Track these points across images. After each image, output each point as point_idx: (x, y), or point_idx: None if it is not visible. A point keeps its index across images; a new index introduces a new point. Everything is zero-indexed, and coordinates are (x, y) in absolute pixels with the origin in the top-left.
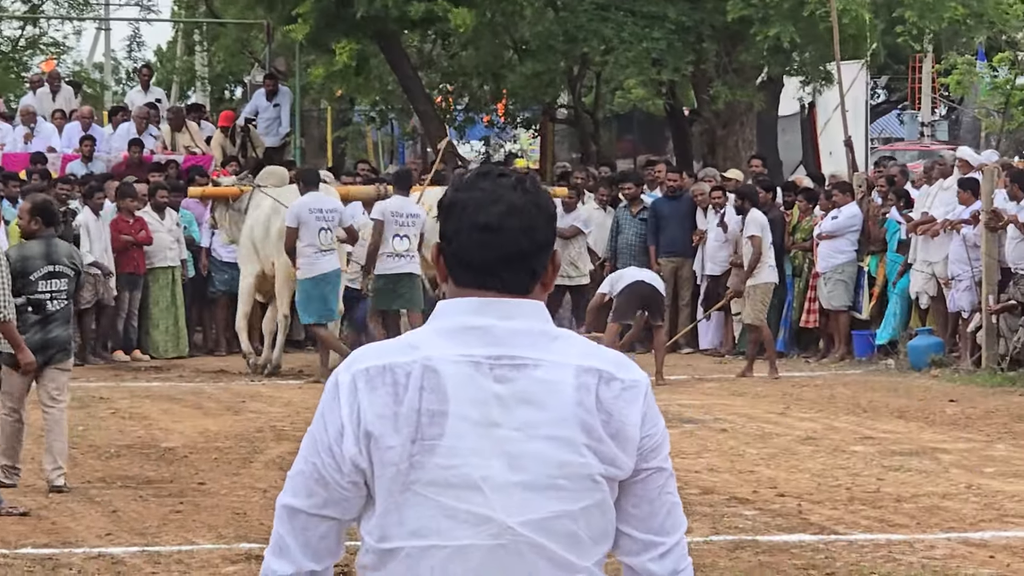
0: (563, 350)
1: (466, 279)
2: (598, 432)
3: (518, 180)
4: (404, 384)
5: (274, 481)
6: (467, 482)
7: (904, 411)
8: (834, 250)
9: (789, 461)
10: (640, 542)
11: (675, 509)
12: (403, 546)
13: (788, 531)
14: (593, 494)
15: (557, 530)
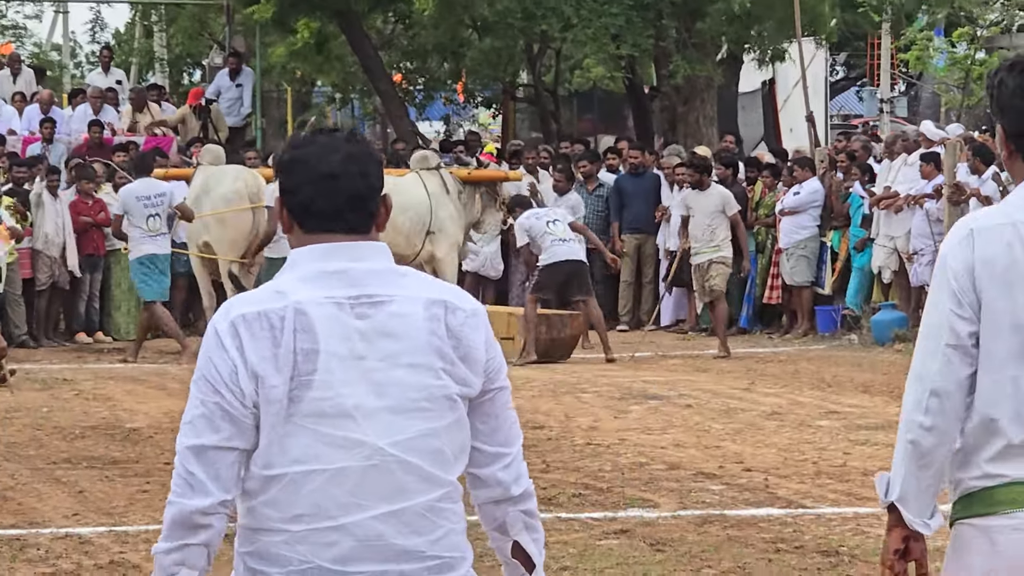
0: (411, 285)
1: (313, 224)
2: (451, 356)
3: (349, 134)
4: (279, 327)
5: None
6: (340, 411)
7: (869, 385)
8: (796, 226)
9: (755, 436)
10: (489, 454)
11: (515, 423)
12: (286, 472)
13: (755, 505)
14: (452, 413)
15: (423, 448)
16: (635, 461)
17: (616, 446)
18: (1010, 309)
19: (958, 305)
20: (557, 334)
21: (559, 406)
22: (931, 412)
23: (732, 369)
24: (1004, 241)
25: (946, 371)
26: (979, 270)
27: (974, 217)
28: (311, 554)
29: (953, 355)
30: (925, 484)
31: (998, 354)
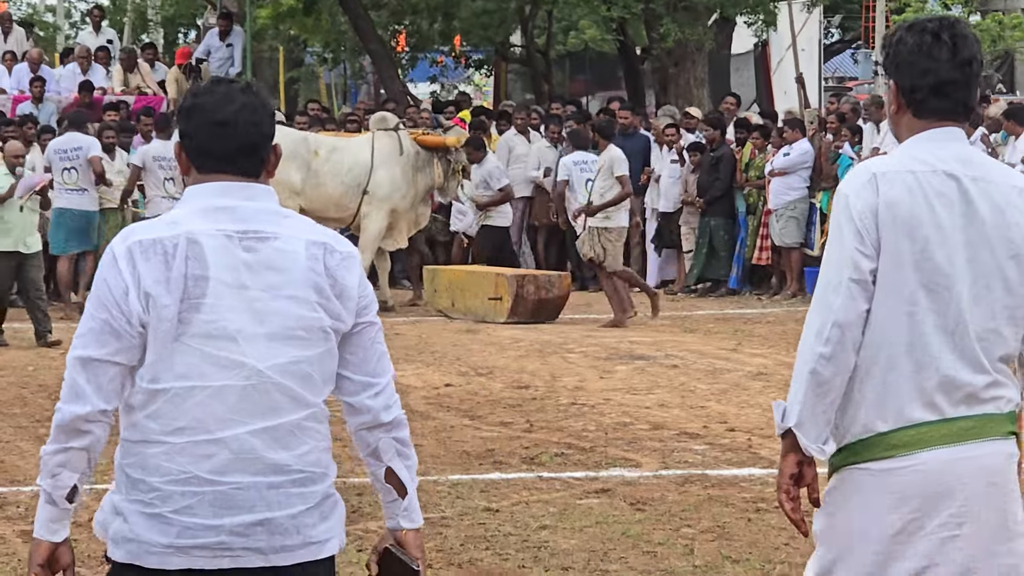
0: (294, 226)
1: (209, 166)
2: (327, 292)
3: (245, 85)
4: (172, 254)
5: None
6: (225, 334)
7: None
8: (786, 187)
9: (740, 396)
10: (359, 383)
11: (384, 356)
12: (171, 386)
13: (738, 465)
14: (324, 343)
15: (295, 372)
16: (619, 421)
17: (601, 406)
18: (910, 249)
19: (861, 243)
20: (545, 294)
21: (545, 366)
22: (831, 342)
23: (719, 330)
24: (906, 186)
25: (848, 304)
26: (882, 211)
27: (873, 162)
28: (190, 465)
29: (855, 289)
30: (821, 411)
31: (895, 291)
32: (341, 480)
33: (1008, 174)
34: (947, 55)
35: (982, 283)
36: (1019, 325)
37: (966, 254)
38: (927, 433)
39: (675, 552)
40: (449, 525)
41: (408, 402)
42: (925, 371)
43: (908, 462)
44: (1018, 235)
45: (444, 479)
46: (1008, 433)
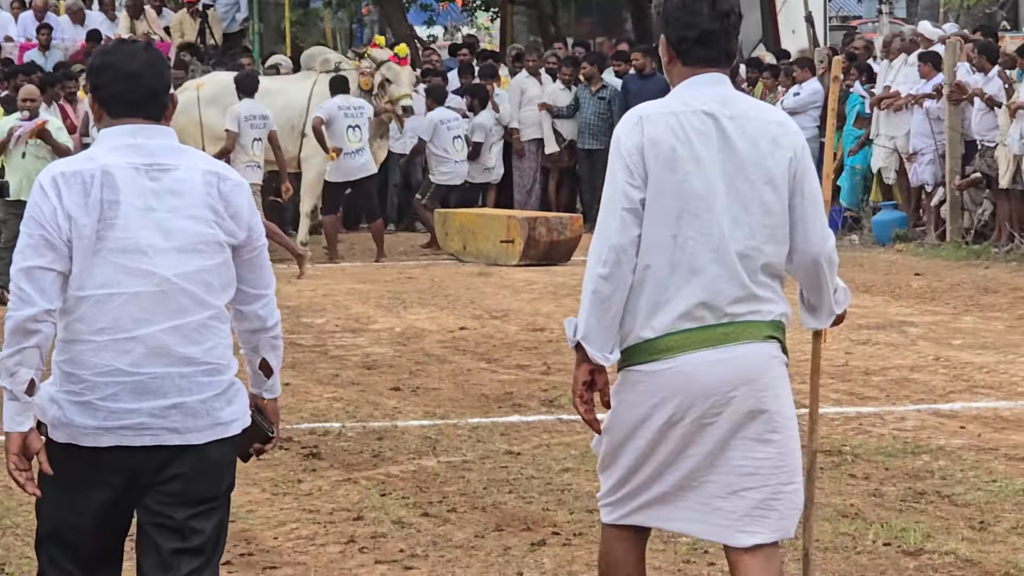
0: (192, 158)
1: (119, 111)
2: (221, 212)
3: (146, 43)
4: (90, 183)
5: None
6: (137, 248)
7: (870, 285)
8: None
9: None
10: (252, 295)
11: (270, 271)
12: (93, 293)
13: None
14: (221, 255)
15: (198, 279)
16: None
17: None
18: (672, 180)
19: (630, 177)
20: (557, 236)
21: (559, 308)
22: (608, 264)
23: None
24: (668, 126)
25: (621, 230)
26: (647, 148)
27: (643, 106)
28: (112, 359)
29: (627, 217)
30: (605, 324)
31: (661, 217)
32: (361, 424)
33: (767, 111)
34: (707, 9)
35: (740, 207)
36: (781, 242)
37: (724, 182)
38: (687, 339)
39: None
40: (471, 469)
41: (423, 346)
42: (689, 286)
43: (669, 364)
44: (772, 164)
45: (464, 423)
46: (768, 337)
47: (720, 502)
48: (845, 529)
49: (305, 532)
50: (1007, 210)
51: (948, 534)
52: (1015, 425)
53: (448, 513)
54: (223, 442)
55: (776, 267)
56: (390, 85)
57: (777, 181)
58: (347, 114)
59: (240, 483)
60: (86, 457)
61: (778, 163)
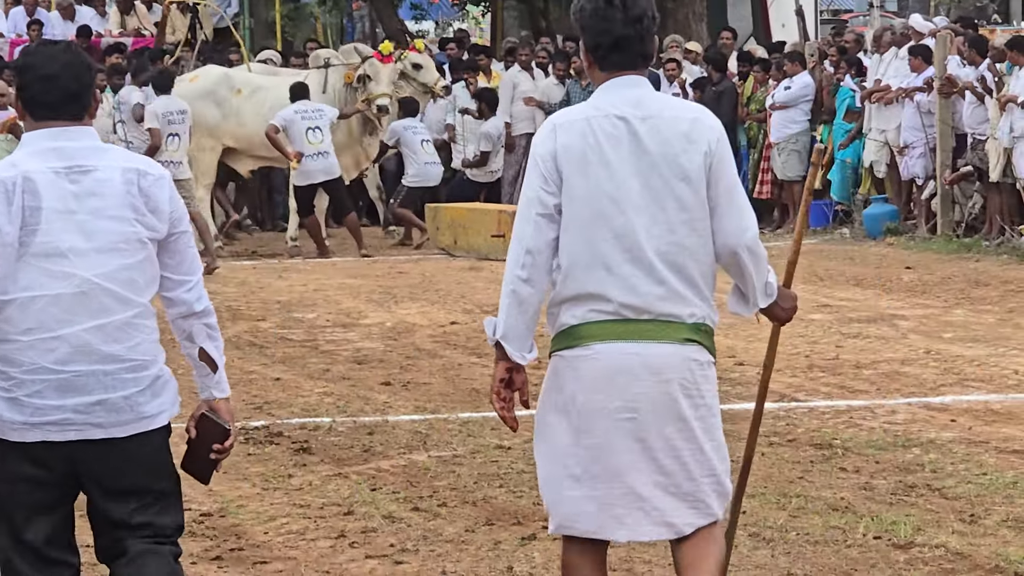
0: (112, 158)
1: (40, 114)
2: (142, 209)
3: (66, 45)
4: (12, 191)
5: (231, 360)
6: (58, 252)
7: (861, 279)
8: (787, 120)
9: (747, 330)
10: (176, 280)
11: (195, 258)
12: (17, 296)
13: (748, 399)
14: (143, 252)
15: (121, 278)
16: None
17: None
18: (584, 185)
19: (545, 183)
20: None
21: None
22: (526, 267)
23: None
24: (579, 132)
25: (537, 234)
26: (560, 155)
27: (558, 114)
28: (38, 357)
29: (542, 221)
30: (523, 325)
31: (575, 220)
32: (352, 419)
33: (680, 109)
34: (620, 16)
35: (657, 205)
36: (703, 235)
37: (639, 182)
38: (605, 329)
39: None
40: (462, 463)
41: (414, 340)
42: (606, 285)
43: (588, 351)
44: (686, 160)
45: (454, 417)
46: (686, 339)
47: (652, 502)
48: (835, 523)
49: (295, 527)
50: (998, 203)
51: (938, 527)
52: (1005, 418)
53: (438, 508)
54: (148, 434)
55: (703, 262)
56: (369, 82)
57: (692, 176)
58: (304, 117)
59: (230, 478)
60: (16, 451)
61: (692, 159)
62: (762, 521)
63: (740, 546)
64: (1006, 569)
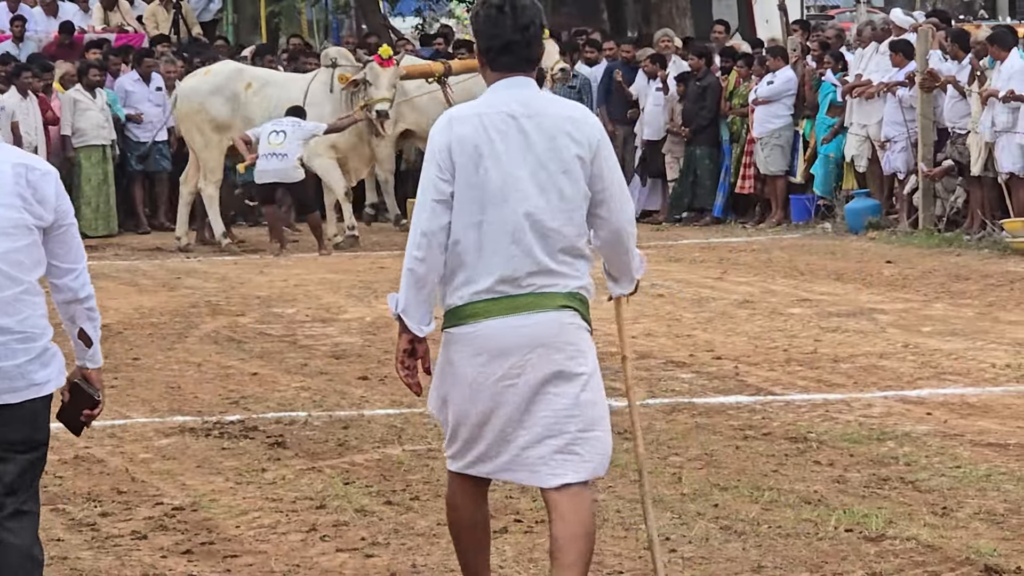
0: (4, 154)
1: None
2: (30, 199)
3: None
4: None
5: (209, 355)
6: None
7: (841, 273)
8: (770, 115)
9: (726, 324)
10: (64, 269)
11: (80, 248)
12: None
13: (725, 393)
14: (29, 237)
15: (10, 259)
16: (606, 351)
17: None
18: (475, 174)
19: (440, 171)
20: None
21: None
22: (422, 248)
23: (705, 259)
24: (472, 126)
25: (432, 218)
26: (454, 146)
27: (454, 109)
28: None
29: (437, 207)
30: (421, 300)
31: (467, 206)
32: (327, 413)
33: (564, 108)
34: (509, 23)
35: (541, 195)
36: (578, 224)
37: (526, 173)
38: (489, 307)
39: (663, 480)
40: (436, 457)
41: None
42: (491, 264)
43: (475, 328)
44: (568, 155)
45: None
46: (562, 306)
47: (530, 451)
48: (807, 515)
49: (267, 521)
50: (979, 197)
51: (910, 520)
52: (981, 411)
53: (411, 501)
54: (37, 400)
55: (577, 246)
56: (369, 87)
57: (572, 170)
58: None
59: (204, 472)
60: None
61: (573, 154)
62: (734, 514)
63: (711, 539)
64: (976, 561)
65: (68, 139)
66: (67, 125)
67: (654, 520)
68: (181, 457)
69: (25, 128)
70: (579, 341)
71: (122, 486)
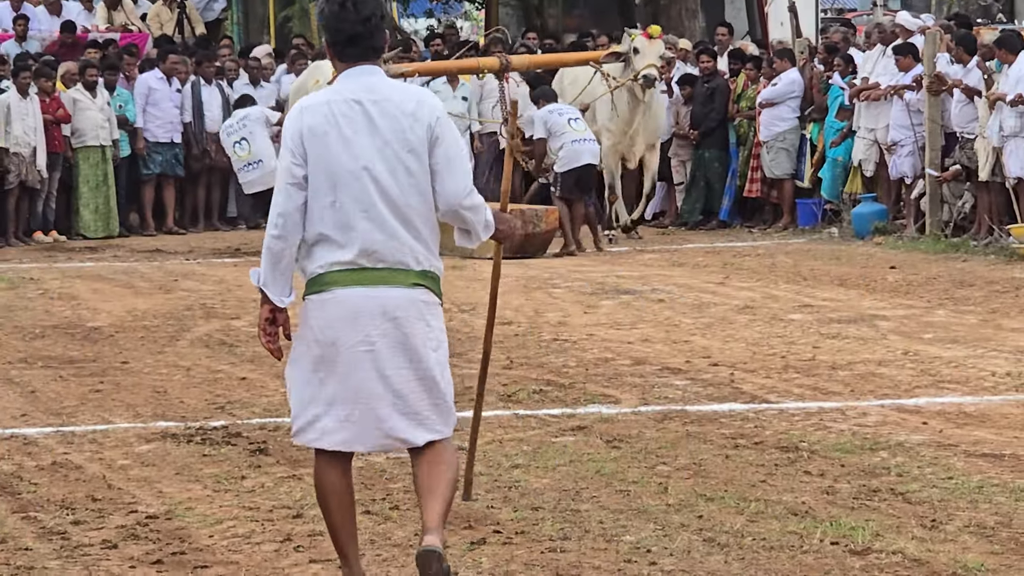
0: None
1: None
2: None
3: None
4: None
5: (199, 359)
6: None
7: (845, 279)
8: (776, 118)
9: (725, 330)
10: None
11: None
12: None
13: (718, 400)
14: None
15: None
16: (600, 357)
17: (583, 342)
18: (325, 157)
19: (294, 157)
20: (532, 229)
21: (529, 302)
22: (278, 227)
23: (708, 263)
24: (321, 113)
25: (287, 200)
26: (305, 133)
27: (305, 99)
28: None
29: (292, 189)
30: (279, 274)
31: (320, 188)
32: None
33: (406, 93)
34: (352, 16)
35: (389, 173)
36: (426, 197)
37: (374, 154)
38: (345, 276)
39: (649, 490)
40: None
41: None
42: (347, 239)
43: (330, 295)
44: (412, 135)
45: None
46: (414, 283)
47: (388, 421)
48: (793, 528)
49: (242, 530)
50: (987, 202)
51: (898, 533)
52: (978, 420)
53: (390, 511)
54: None
55: (427, 219)
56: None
57: (417, 148)
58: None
59: (182, 480)
60: None
61: (416, 134)
62: (719, 525)
63: (693, 551)
64: None
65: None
66: (65, 125)
67: None
68: (160, 464)
69: (24, 128)
70: (431, 317)
71: (98, 493)
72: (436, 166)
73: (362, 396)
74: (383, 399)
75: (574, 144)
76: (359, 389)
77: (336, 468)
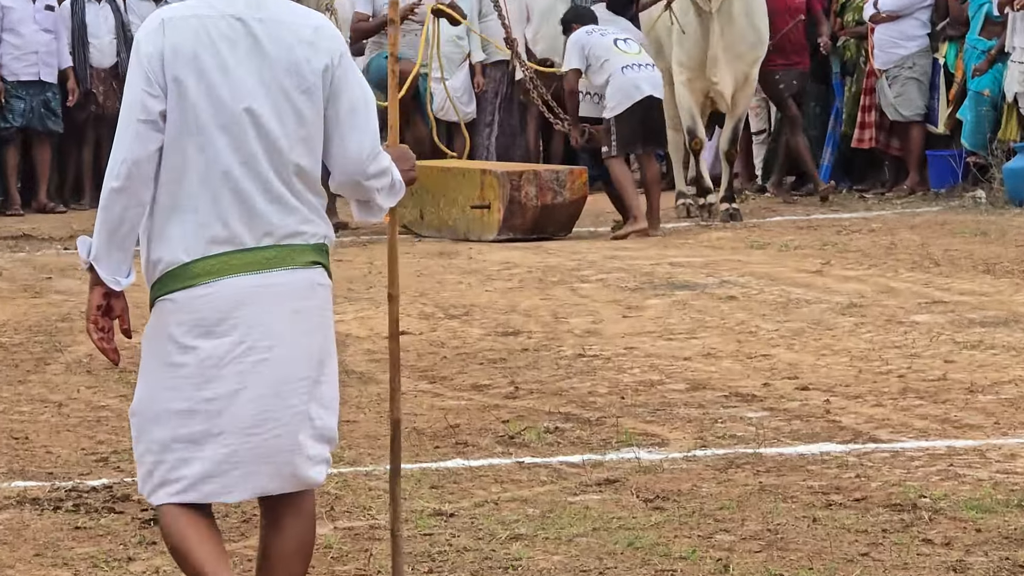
0: None
1: None
2: None
3: None
4: None
5: (76, 390)
6: None
7: (993, 262)
8: (899, 35)
9: (820, 340)
10: None
11: None
12: None
13: (807, 440)
14: None
15: None
16: (643, 379)
17: (620, 358)
18: (196, 89)
19: (149, 85)
20: (552, 199)
21: (546, 301)
22: (121, 177)
23: (801, 244)
24: (191, 30)
25: (136, 143)
26: (168, 55)
27: (166, 8)
28: None
29: (143, 128)
30: (116, 244)
31: (186, 129)
32: None
33: (302, 14)
34: None
35: (276, 119)
36: (316, 154)
37: (260, 91)
38: (227, 262)
39: (702, 570)
40: (381, 538)
41: (343, 359)
42: (222, 203)
43: (208, 290)
44: (308, 70)
45: (381, 470)
46: (312, 263)
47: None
48: None
49: None
50: None
51: None
52: None
53: None
54: None
55: (316, 180)
56: None
57: (312, 89)
58: None
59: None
60: None
61: (314, 70)
62: None
63: None
64: None
65: None
66: None
67: None
68: (15, 541)
69: None
70: (325, 308)
71: None
72: (334, 117)
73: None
74: (283, 425)
75: (625, 72)
76: (249, 415)
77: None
